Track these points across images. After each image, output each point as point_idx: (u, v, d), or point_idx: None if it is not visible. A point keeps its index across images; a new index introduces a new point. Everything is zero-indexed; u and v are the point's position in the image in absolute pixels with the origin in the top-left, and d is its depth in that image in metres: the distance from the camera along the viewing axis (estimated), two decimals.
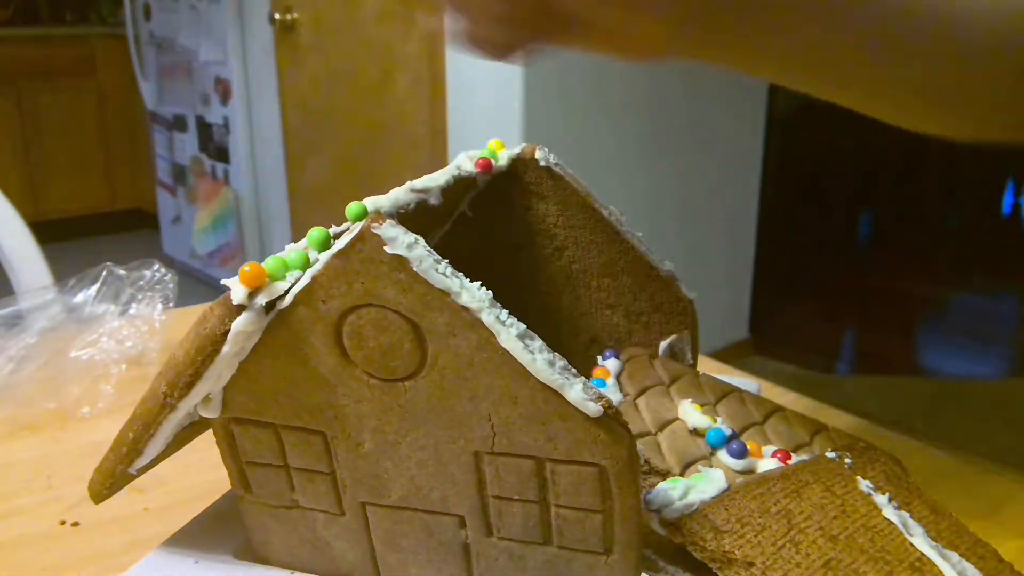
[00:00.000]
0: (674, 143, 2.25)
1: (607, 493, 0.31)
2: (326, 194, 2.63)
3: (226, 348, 0.31)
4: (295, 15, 2.53)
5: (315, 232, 0.32)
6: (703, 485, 0.36)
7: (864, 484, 0.37)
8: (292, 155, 2.74)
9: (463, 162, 0.41)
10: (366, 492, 0.35)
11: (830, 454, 0.38)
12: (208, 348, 0.31)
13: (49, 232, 2.69)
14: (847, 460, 0.38)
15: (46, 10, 4.08)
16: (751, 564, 0.32)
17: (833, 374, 2.59)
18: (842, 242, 3.69)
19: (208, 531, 0.40)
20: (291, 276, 0.32)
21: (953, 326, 2.90)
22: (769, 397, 0.59)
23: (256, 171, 2.94)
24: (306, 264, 0.32)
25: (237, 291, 0.31)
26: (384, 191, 0.37)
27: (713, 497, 0.35)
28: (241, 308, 0.31)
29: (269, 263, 0.31)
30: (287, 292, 0.31)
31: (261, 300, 0.31)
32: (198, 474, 0.46)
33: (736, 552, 0.33)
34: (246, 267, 0.31)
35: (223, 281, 0.31)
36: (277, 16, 2.54)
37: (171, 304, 0.69)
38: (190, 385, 0.32)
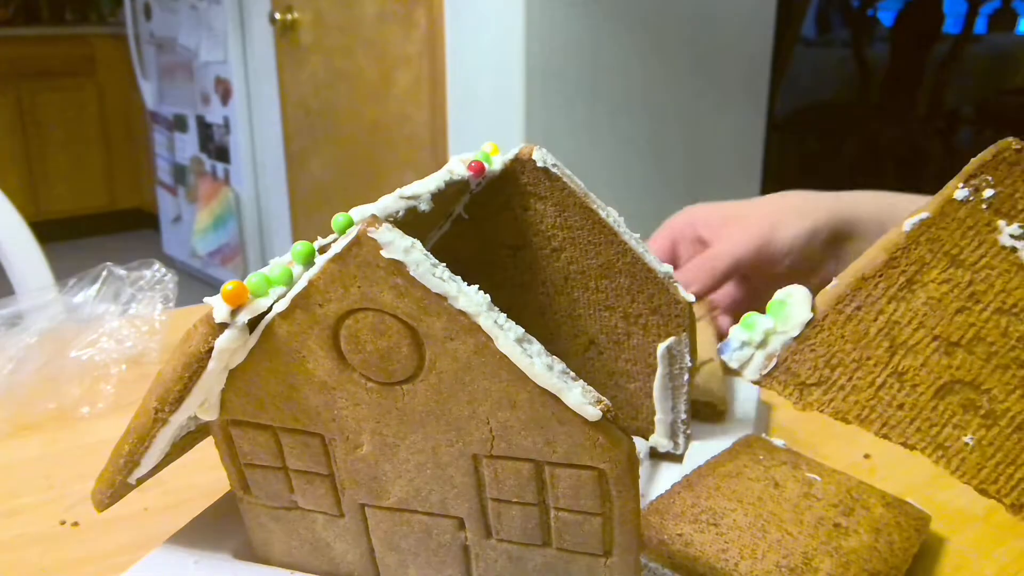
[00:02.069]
0: (674, 144, 2.25)
1: (606, 496, 0.31)
2: (326, 194, 2.63)
3: (211, 365, 0.31)
4: (296, 15, 2.53)
5: (299, 246, 0.32)
6: (783, 321, 0.29)
7: (1008, 233, 0.28)
8: (292, 155, 2.74)
9: (455, 166, 0.41)
10: (365, 494, 0.35)
11: (960, 192, 0.28)
12: (194, 365, 0.32)
13: (49, 232, 2.69)
14: (986, 193, 0.28)
15: (46, 10, 4.08)
16: (844, 418, 0.28)
17: None
18: None
19: (208, 531, 0.41)
20: (274, 292, 0.32)
21: None
22: (772, 398, 0.60)
23: (256, 171, 2.94)
24: (289, 280, 0.32)
25: (219, 309, 0.31)
26: (385, 191, 0.37)
27: (798, 335, 0.29)
28: (224, 326, 0.31)
29: (251, 280, 0.31)
30: (271, 308, 0.31)
31: (244, 317, 0.31)
32: (198, 474, 0.46)
33: (827, 408, 0.28)
34: (228, 285, 0.30)
35: (205, 300, 0.31)
36: (277, 16, 2.54)
37: (171, 304, 0.69)
38: (179, 400, 0.32)
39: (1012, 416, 0.27)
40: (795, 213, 0.61)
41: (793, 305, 0.29)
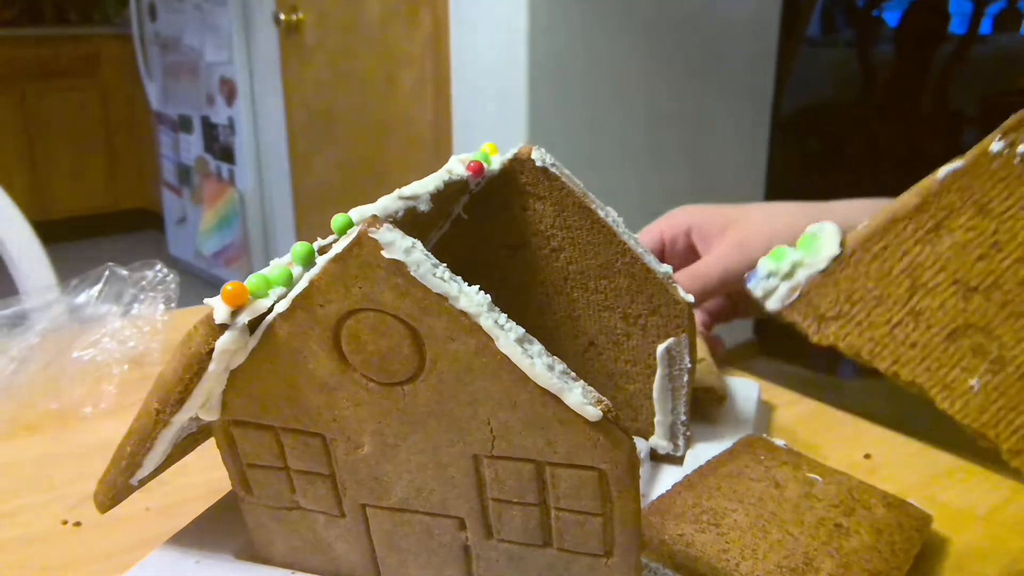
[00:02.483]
0: (678, 144, 2.25)
1: (607, 497, 0.31)
2: (331, 194, 2.63)
3: (212, 366, 0.31)
4: (300, 15, 2.53)
5: (299, 247, 0.32)
6: (812, 255, 0.29)
7: None
8: (297, 155, 2.75)
9: (454, 166, 0.41)
10: (366, 494, 0.35)
11: (996, 144, 0.29)
12: (194, 367, 0.32)
13: (54, 232, 2.70)
14: (1021, 148, 0.29)
15: (50, 10, 4.09)
16: (857, 354, 0.28)
17: (837, 376, 2.58)
18: None
19: (209, 531, 0.41)
20: (274, 293, 0.32)
21: None
22: (772, 399, 0.60)
23: (261, 171, 2.94)
24: (289, 281, 0.32)
25: (219, 310, 0.31)
26: (389, 190, 0.37)
27: (823, 269, 0.29)
28: (224, 327, 0.31)
29: (252, 281, 0.31)
30: (271, 309, 0.31)
31: (244, 319, 0.31)
32: (199, 474, 0.46)
33: (841, 342, 0.29)
34: (228, 286, 0.31)
35: (205, 301, 0.32)
36: (282, 16, 2.55)
37: (173, 304, 0.69)
38: (180, 402, 0.32)
39: (1018, 364, 0.27)
40: (790, 234, 0.61)
41: (823, 240, 0.29)
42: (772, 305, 0.30)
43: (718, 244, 0.61)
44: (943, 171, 0.29)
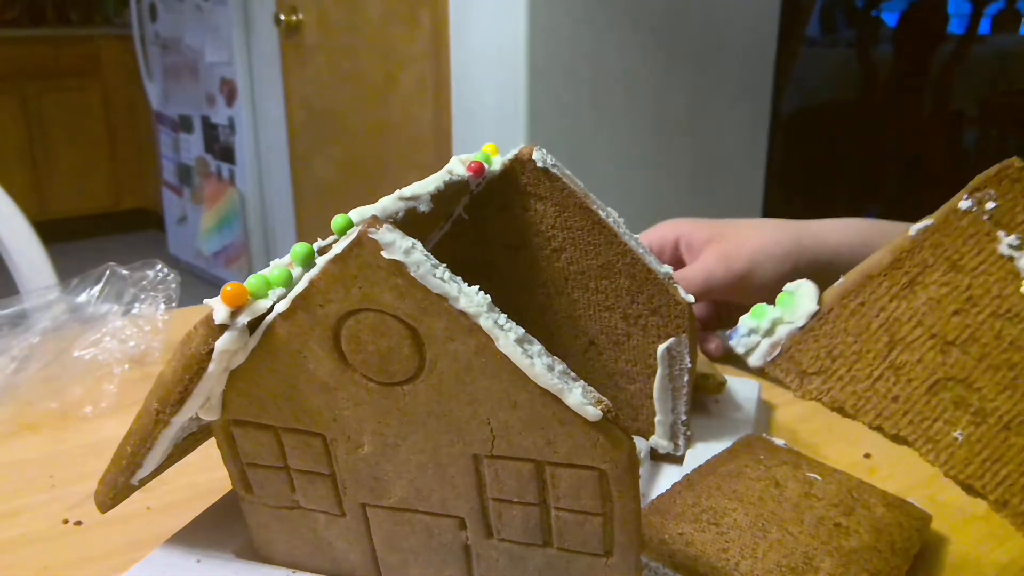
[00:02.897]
0: (677, 144, 2.25)
1: (607, 496, 0.31)
2: (331, 194, 2.64)
3: (212, 367, 0.32)
4: (300, 16, 2.53)
5: (298, 248, 0.32)
6: (791, 312, 0.31)
7: (1006, 243, 0.29)
8: (297, 155, 2.75)
9: (455, 166, 0.41)
10: (366, 494, 0.35)
11: (964, 203, 0.30)
12: (194, 367, 0.32)
13: (54, 232, 2.70)
14: (988, 205, 0.30)
15: (51, 10, 4.09)
16: (840, 408, 0.29)
17: None
18: None
19: (210, 530, 0.41)
20: (274, 294, 0.32)
21: None
22: (772, 398, 0.60)
23: (261, 172, 2.94)
24: (288, 281, 0.32)
25: (219, 311, 0.31)
26: (389, 191, 0.37)
27: (803, 326, 0.30)
28: (224, 327, 0.31)
29: (251, 281, 0.31)
30: (271, 309, 0.31)
31: (243, 319, 0.31)
32: (200, 473, 0.46)
33: (824, 397, 0.30)
34: (228, 287, 0.31)
35: (205, 301, 0.32)
36: (282, 17, 2.55)
37: (174, 304, 0.69)
38: (180, 402, 0.33)
39: (1000, 415, 0.28)
40: (775, 253, 0.61)
41: (801, 297, 0.30)
42: (754, 361, 0.31)
43: (704, 255, 0.62)
44: (915, 228, 0.30)
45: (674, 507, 0.40)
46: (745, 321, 0.31)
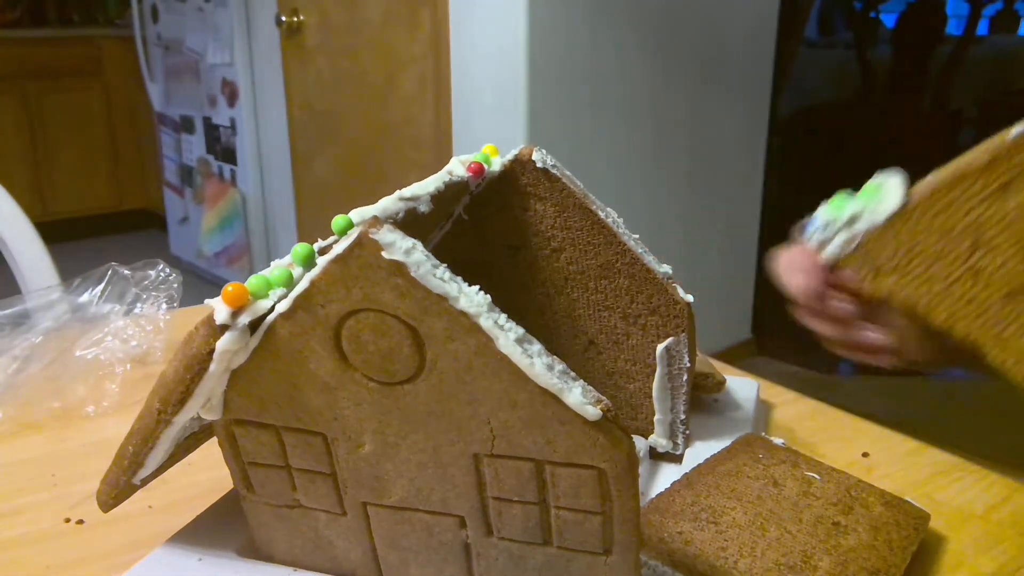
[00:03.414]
0: (677, 144, 2.25)
1: (606, 495, 0.32)
2: (332, 195, 2.64)
3: (213, 367, 0.32)
4: (301, 17, 2.53)
5: (299, 248, 0.32)
6: (874, 205, 0.29)
7: None
8: (298, 156, 2.75)
9: (455, 167, 0.42)
10: (367, 493, 0.35)
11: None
12: (195, 367, 0.32)
13: (57, 232, 2.70)
14: None
15: (54, 11, 4.09)
16: (912, 307, 0.28)
17: (835, 375, 2.58)
18: None
19: (211, 529, 0.41)
20: (274, 294, 0.32)
21: None
22: (770, 398, 0.60)
23: (262, 172, 2.94)
24: (289, 281, 0.32)
25: (220, 311, 0.31)
26: (390, 192, 0.37)
27: (884, 222, 0.28)
28: (225, 327, 0.31)
29: (252, 282, 0.32)
30: (272, 309, 0.32)
31: (244, 319, 0.31)
32: (201, 472, 0.46)
33: (897, 295, 0.28)
34: (229, 287, 0.31)
35: (206, 302, 0.32)
36: (283, 18, 2.55)
37: (175, 304, 0.69)
38: (182, 402, 0.33)
39: None
40: None
41: (887, 191, 0.28)
42: (827, 255, 0.29)
43: None
44: (1015, 130, 0.28)
45: (673, 506, 0.40)
46: (822, 212, 0.29)
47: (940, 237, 0.28)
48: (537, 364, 0.30)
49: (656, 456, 0.49)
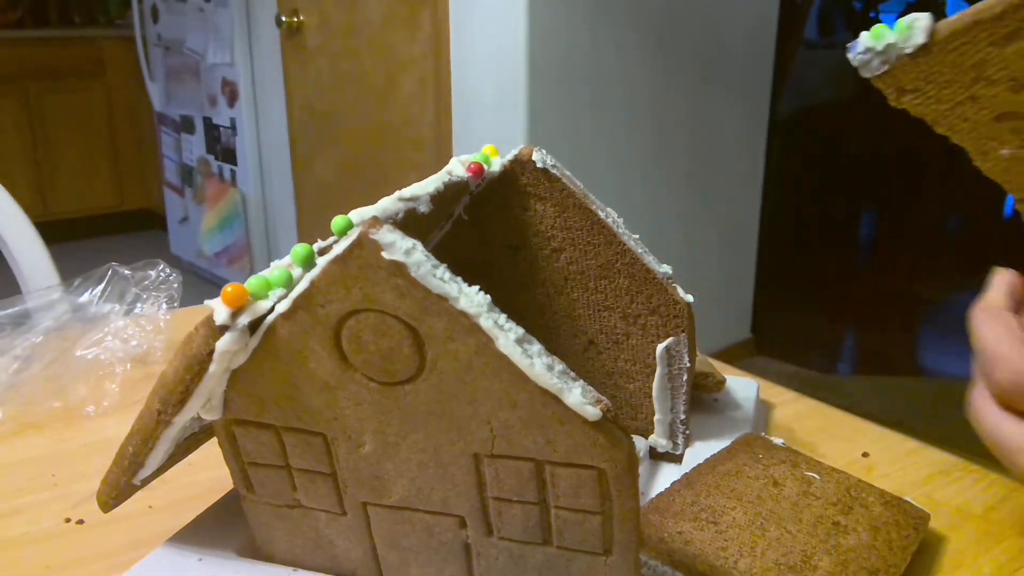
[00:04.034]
0: (677, 145, 2.26)
1: (606, 495, 0.32)
2: (332, 195, 2.64)
3: (212, 367, 0.32)
4: (301, 18, 2.54)
5: (299, 249, 0.32)
6: (904, 40, 0.34)
7: None
8: (298, 156, 2.75)
9: (455, 167, 0.42)
10: (367, 492, 0.35)
11: None
12: (195, 368, 0.32)
13: (57, 232, 2.70)
14: None
15: (55, 12, 4.09)
16: (922, 116, 0.35)
17: (835, 374, 2.59)
18: (844, 243, 3.69)
19: (212, 529, 0.41)
20: (274, 294, 0.32)
21: (954, 326, 2.89)
22: (770, 397, 0.60)
23: (263, 172, 2.95)
24: (289, 282, 0.32)
25: (220, 312, 0.31)
26: (390, 192, 0.37)
27: (911, 53, 0.34)
28: (225, 328, 0.31)
29: (252, 282, 0.32)
30: (272, 309, 0.32)
31: (244, 320, 0.31)
32: (202, 472, 0.46)
33: (914, 109, 0.34)
34: (228, 287, 0.31)
35: (206, 302, 0.32)
36: (284, 19, 2.55)
37: (176, 304, 0.69)
38: (182, 402, 0.33)
39: None
40: None
41: (916, 31, 0.34)
42: (865, 73, 0.35)
43: None
44: None
45: (673, 506, 0.40)
46: (864, 39, 0.35)
47: (952, 69, 0.34)
48: (537, 364, 0.30)
49: (656, 456, 0.49)
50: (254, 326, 0.32)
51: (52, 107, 3.76)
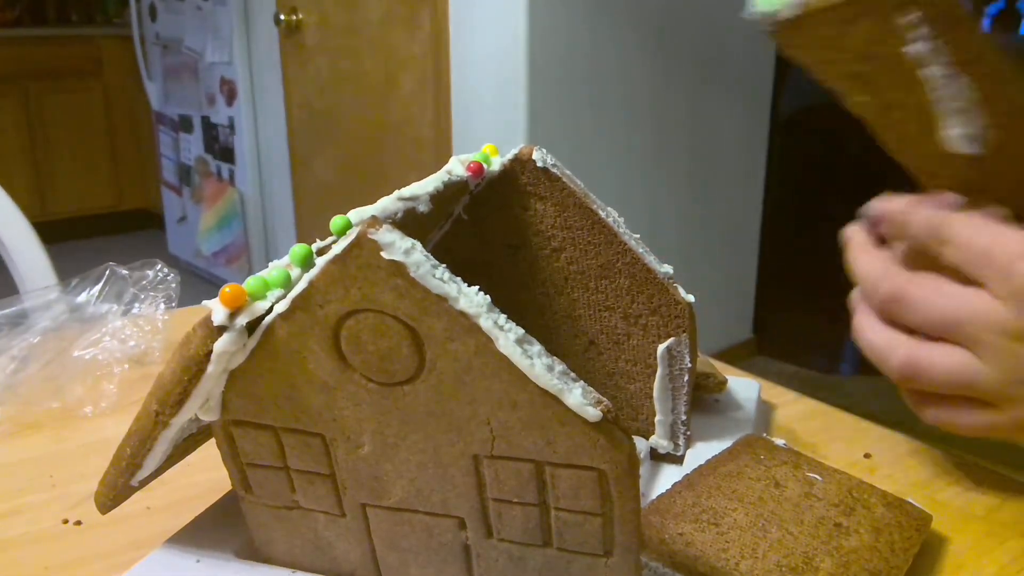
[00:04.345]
0: (678, 145, 2.26)
1: (607, 497, 0.31)
2: (331, 194, 2.64)
3: (210, 368, 0.32)
4: (300, 16, 2.53)
5: (297, 249, 0.32)
6: (779, 8, 0.38)
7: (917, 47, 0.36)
8: (297, 156, 2.75)
9: (454, 167, 0.41)
10: (366, 494, 0.35)
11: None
12: (193, 369, 0.32)
13: (55, 232, 2.70)
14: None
15: (52, 11, 4.09)
16: (802, 62, 0.39)
17: (836, 375, 2.59)
18: None
19: (210, 530, 0.41)
20: (272, 295, 0.32)
21: None
22: (771, 398, 0.60)
23: (261, 172, 2.95)
24: (287, 282, 0.32)
25: (218, 312, 0.31)
26: (389, 192, 0.37)
27: (787, 18, 0.38)
28: (223, 328, 0.31)
29: (250, 283, 0.31)
30: (271, 309, 0.31)
31: (242, 321, 0.31)
32: (200, 473, 0.46)
33: (797, 60, 0.39)
34: (226, 288, 0.31)
35: (204, 303, 0.32)
36: (282, 17, 2.55)
37: (173, 304, 0.69)
38: (179, 403, 0.33)
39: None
40: None
41: (789, 5, 0.38)
42: (759, 29, 0.39)
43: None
44: None
45: (674, 507, 0.40)
46: (754, 2, 0.39)
47: (817, 37, 0.38)
48: (537, 365, 0.30)
49: (657, 457, 0.49)
50: (252, 327, 0.32)
51: (50, 106, 3.76)
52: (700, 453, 0.48)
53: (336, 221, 0.32)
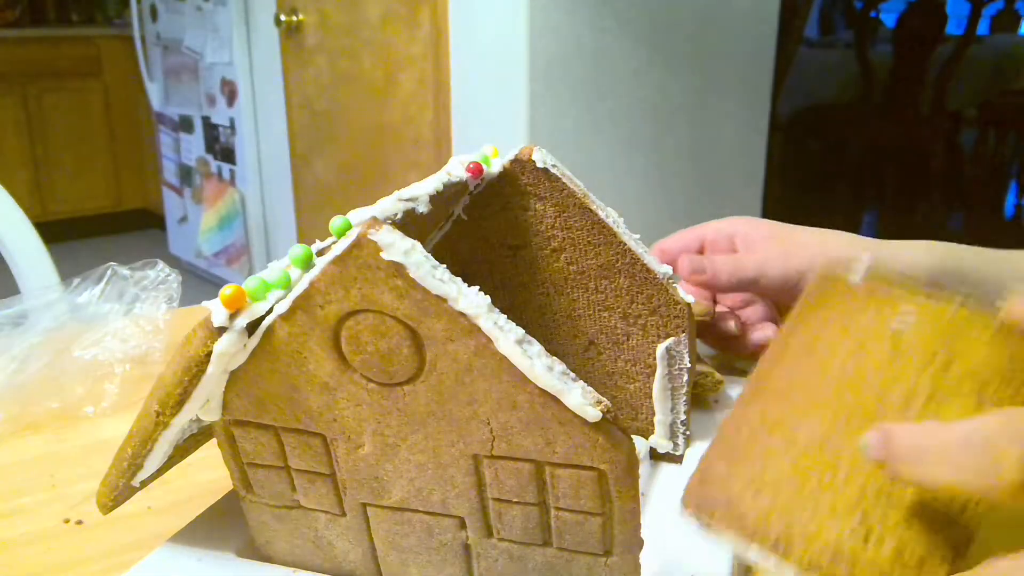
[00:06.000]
0: (677, 145, 2.25)
1: (607, 496, 0.32)
2: (331, 195, 2.64)
3: (211, 369, 0.32)
4: (300, 17, 2.53)
5: (297, 250, 0.32)
6: None
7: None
8: (297, 156, 2.75)
9: (454, 167, 0.42)
10: (366, 493, 0.35)
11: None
12: (193, 369, 0.32)
13: (56, 232, 2.70)
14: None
15: (53, 11, 4.09)
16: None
17: None
18: None
19: (211, 529, 0.41)
20: (272, 296, 0.32)
21: None
22: None
23: (262, 172, 2.94)
24: (287, 283, 0.32)
25: (218, 313, 0.31)
26: (389, 192, 0.37)
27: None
28: (223, 329, 0.31)
29: (250, 284, 0.31)
30: (271, 310, 0.32)
31: (242, 322, 0.31)
32: (201, 472, 0.46)
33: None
34: (226, 289, 0.31)
35: (204, 303, 0.32)
36: (283, 18, 2.55)
37: (175, 304, 0.69)
38: (180, 404, 0.33)
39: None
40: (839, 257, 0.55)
41: None
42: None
43: (762, 249, 0.59)
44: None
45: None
46: None
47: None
48: (537, 365, 0.30)
49: (656, 457, 0.49)
50: (252, 327, 0.32)
51: (50, 107, 3.75)
52: (699, 453, 0.48)
53: (335, 222, 0.33)
